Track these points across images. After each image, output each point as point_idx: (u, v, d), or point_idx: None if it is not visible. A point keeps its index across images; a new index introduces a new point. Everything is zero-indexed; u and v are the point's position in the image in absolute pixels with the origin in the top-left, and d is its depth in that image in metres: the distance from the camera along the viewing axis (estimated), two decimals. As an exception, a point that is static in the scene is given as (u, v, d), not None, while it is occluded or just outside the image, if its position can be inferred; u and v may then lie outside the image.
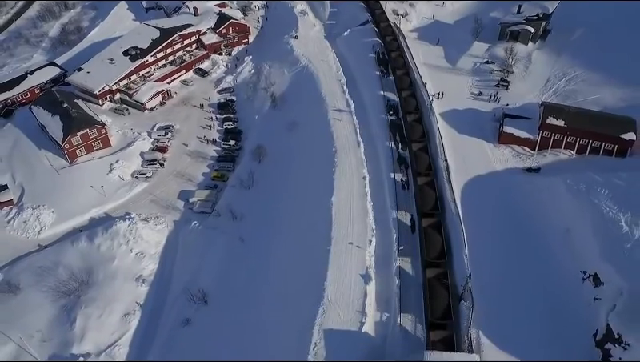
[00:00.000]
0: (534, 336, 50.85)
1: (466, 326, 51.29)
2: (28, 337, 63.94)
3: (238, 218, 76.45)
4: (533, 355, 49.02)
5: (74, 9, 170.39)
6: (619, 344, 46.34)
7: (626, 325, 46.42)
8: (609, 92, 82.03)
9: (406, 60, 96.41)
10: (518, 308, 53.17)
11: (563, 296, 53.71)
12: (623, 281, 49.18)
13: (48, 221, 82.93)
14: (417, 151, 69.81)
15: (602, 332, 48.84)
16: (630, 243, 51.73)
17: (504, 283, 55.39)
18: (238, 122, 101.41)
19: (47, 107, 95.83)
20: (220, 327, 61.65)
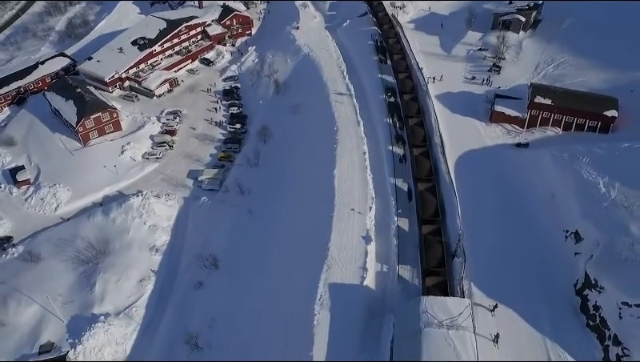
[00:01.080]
0: (521, 287, 56.07)
1: (458, 279, 56.61)
2: (55, 296, 68.88)
3: (245, 193, 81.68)
4: (519, 303, 54.28)
5: (79, 4, 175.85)
6: (595, 289, 51.79)
7: (601, 272, 51.85)
8: (593, 75, 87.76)
9: (404, 48, 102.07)
10: (506, 263, 58.46)
11: (547, 253, 59.14)
12: (600, 235, 54.64)
13: (64, 198, 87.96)
14: (413, 126, 75.32)
15: (581, 282, 54.29)
16: (606, 202, 57.21)
17: (493, 241, 60.83)
18: (242, 107, 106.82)
19: (61, 93, 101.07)
20: (231, 289, 66.80)
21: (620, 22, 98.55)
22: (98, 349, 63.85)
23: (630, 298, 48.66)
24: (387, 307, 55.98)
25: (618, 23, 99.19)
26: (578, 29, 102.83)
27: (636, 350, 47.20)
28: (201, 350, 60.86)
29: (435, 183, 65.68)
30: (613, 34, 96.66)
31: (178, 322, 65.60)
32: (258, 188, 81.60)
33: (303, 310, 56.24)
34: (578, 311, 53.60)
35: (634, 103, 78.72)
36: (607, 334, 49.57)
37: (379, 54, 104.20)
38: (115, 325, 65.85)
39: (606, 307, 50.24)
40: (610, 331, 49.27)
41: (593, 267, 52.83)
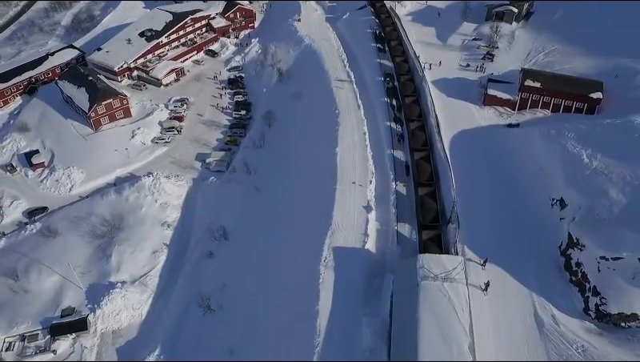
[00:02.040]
0: (510, 250, 60.89)
1: (452, 242, 61.74)
2: (70, 271, 73.62)
3: (252, 172, 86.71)
4: (508, 264, 59.28)
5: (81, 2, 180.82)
6: (577, 247, 56.96)
7: (582, 231, 56.99)
8: (581, 62, 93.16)
9: (401, 37, 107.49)
10: (497, 229, 63.39)
11: (535, 219, 64.20)
12: (582, 199, 59.82)
13: (78, 179, 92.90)
14: (409, 104, 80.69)
15: (565, 243, 59.44)
16: (588, 171, 62.42)
17: (485, 209, 65.86)
18: (247, 95, 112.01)
19: (73, 81, 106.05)
20: (241, 257, 71.76)
21: (608, 13, 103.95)
22: (116, 313, 68.77)
23: (607, 252, 53.82)
24: (387, 268, 60.95)
25: (606, 14, 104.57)
26: (568, 20, 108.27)
27: (612, 298, 52.40)
28: (213, 312, 65.70)
29: (430, 153, 71.02)
30: (601, 24, 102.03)
31: (191, 288, 70.42)
32: (264, 167, 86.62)
33: (309, 271, 61.24)
34: (562, 269, 58.67)
35: (619, 87, 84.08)
36: (587, 286, 54.68)
37: (378, 43, 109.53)
38: (131, 292, 70.77)
39: (587, 262, 55.37)
40: (590, 284, 54.39)
41: (575, 228, 58.01)
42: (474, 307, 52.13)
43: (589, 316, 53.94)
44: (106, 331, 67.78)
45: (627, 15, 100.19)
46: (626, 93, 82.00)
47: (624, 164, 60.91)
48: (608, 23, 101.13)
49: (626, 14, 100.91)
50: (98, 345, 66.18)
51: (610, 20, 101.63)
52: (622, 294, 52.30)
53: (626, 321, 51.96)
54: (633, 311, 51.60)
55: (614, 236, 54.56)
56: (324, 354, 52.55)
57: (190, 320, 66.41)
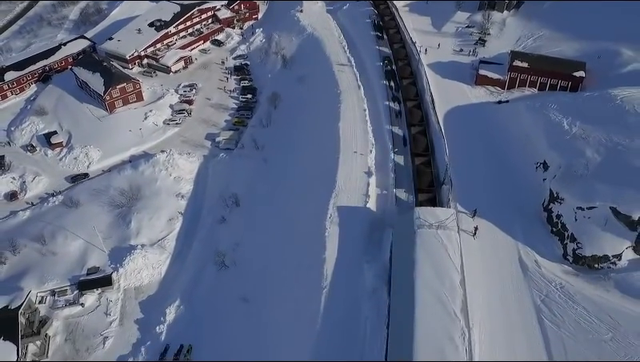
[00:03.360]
0: (498, 207, 67.75)
1: (446, 201, 68.83)
2: (93, 236, 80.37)
3: (259, 147, 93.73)
4: (497, 219, 66.27)
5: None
6: (557, 201, 64.16)
7: (562, 187, 64.21)
8: (567, 46, 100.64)
9: (399, 25, 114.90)
10: (487, 190, 70.52)
11: (521, 181, 71.49)
12: (562, 160, 67.08)
13: (95, 157, 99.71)
14: (407, 85, 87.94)
15: (547, 200, 66.66)
16: (568, 136, 69.72)
17: (476, 173, 73.03)
18: (252, 81, 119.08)
19: (88, 67, 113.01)
20: (252, 221, 78.72)
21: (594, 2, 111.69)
22: (137, 272, 75.61)
23: (583, 203, 61.08)
24: (386, 223, 68.02)
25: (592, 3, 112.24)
26: (557, 8, 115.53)
27: (587, 243, 59.67)
28: (227, 268, 72.64)
29: (426, 127, 78.15)
30: (587, 11, 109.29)
31: (206, 249, 77.40)
32: (271, 143, 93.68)
33: (316, 227, 68.24)
34: (545, 222, 65.88)
35: (601, 67, 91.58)
36: (566, 235, 61.88)
37: (376, 31, 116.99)
38: (151, 253, 77.66)
39: (565, 213, 62.60)
40: (568, 232, 61.59)
41: (556, 184, 65.26)
42: (465, 251, 59.21)
43: (567, 261, 61.18)
44: (128, 287, 74.54)
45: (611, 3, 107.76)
46: (608, 72, 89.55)
47: (600, 129, 68.28)
48: (594, 10, 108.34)
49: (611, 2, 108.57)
50: (121, 299, 72.92)
51: (595, 7, 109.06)
52: (595, 239, 59.53)
53: (598, 262, 59.18)
54: (604, 253, 58.86)
55: (589, 189, 61.86)
56: (330, 295, 59.51)
57: (205, 276, 73.36)
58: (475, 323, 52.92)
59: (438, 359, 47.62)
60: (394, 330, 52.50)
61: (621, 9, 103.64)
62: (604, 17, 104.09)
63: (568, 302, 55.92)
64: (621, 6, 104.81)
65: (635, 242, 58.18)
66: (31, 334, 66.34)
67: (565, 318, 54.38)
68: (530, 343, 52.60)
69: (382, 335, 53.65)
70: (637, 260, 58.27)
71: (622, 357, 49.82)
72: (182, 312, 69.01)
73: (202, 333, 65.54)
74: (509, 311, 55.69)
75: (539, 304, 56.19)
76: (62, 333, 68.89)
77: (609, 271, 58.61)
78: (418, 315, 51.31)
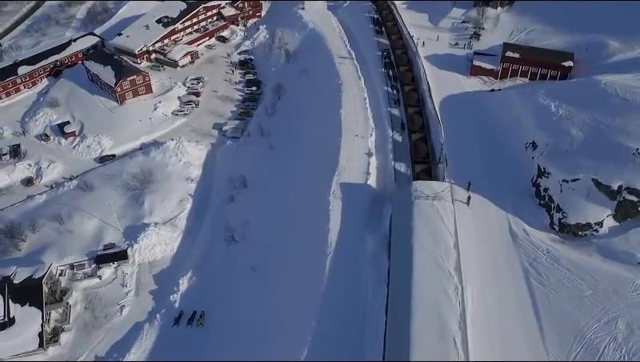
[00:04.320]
0: (491, 183, 73.50)
1: (442, 178, 74.36)
2: (108, 216, 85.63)
3: (265, 134, 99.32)
4: (489, 193, 71.83)
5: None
6: (544, 176, 69.77)
7: (548, 162, 69.89)
8: (557, 38, 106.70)
9: (397, 20, 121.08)
10: (479, 168, 76.13)
11: (512, 159, 77.15)
12: (549, 138, 72.82)
13: (107, 145, 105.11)
14: (404, 72, 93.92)
15: (535, 176, 72.26)
16: (555, 117, 75.45)
17: (469, 153, 78.70)
18: (257, 75, 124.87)
19: (99, 60, 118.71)
20: (259, 200, 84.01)
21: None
22: (151, 247, 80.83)
23: (567, 176, 66.75)
24: (386, 198, 73.50)
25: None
26: (548, 5, 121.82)
27: (571, 212, 65.27)
28: (236, 242, 77.93)
29: (422, 108, 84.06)
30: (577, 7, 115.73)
31: (216, 226, 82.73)
32: (276, 130, 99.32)
33: (320, 201, 73.81)
34: (534, 196, 71.51)
35: (589, 58, 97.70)
36: (552, 206, 67.42)
37: (376, 26, 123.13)
38: (163, 230, 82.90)
39: (552, 186, 68.23)
40: (554, 203, 67.14)
41: (543, 160, 70.97)
42: (459, 222, 64.80)
43: (553, 229, 66.75)
44: (142, 262, 79.71)
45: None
46: (595, 63, 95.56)
47: (584, 111, 74.07)
48: (583, 6, 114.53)
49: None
50: (136, 272, 78.07)
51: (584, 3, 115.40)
52: (578, 208, 65.13)
53: (582, 230, 64.72)
54: (587, 221, 64.43)
55: (573, 163, 67.57)
56: (334, 260, 64.92)
57: (216, 250, 78.65)
58: (468, 282, 58.34)
59: (435, 311, 52.85)
60: (393, 288, 57.85)
61: (608, 4, 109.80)
62: (592, 12, 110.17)
63: (553, 264, 61.40)
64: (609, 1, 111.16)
65: (615, 210, 63.75)
66: (54, 301, 71.45)
67: (550, 278, 59.81)
68: (518, 298, 58.05)
69: (382, 294, 58.95)
70: (616, 227, 63.84)
71: (600, 309, 55.16)
72: (194, 282, 74.20)
73: (214, 300, 70.67)
74: (499, 272, 61.14)
75: (527, 267, 61.65)
76: (81, 302, 73.98)
77: (591, 237, 64.15)
78: (416, 274, 56.80)
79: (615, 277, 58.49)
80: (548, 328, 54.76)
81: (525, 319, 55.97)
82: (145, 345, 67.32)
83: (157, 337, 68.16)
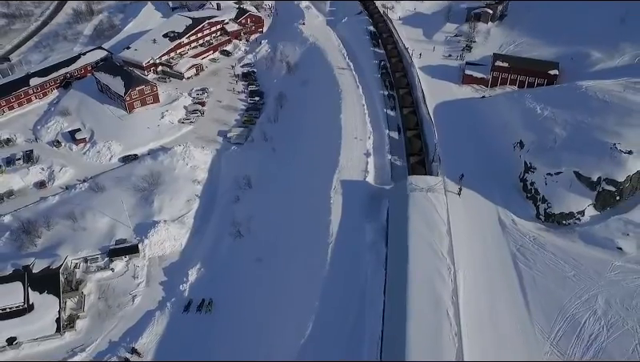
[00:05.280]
0: (481, 180, 79.39)
1: (435, 174, 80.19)
2: (119, 214, 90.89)
3: (268, 139, 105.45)
4: (480, 188, 77.65)
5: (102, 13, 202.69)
6: (530, 171, 75.79)
7: (534, 158, 76.07)
8: (544, 50, 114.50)
9: (393, 34, 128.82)
10: (471, 166, 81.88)
11: (501, 158, 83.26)
12: (535, 137, 79.19)
13: (117, 151, 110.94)
14: (399, 77, 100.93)
15: (522, 172, 78.27)
16: (540, 118, 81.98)
17: (461, 153, 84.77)
18: (259, 86, 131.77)
19: (109, 72, 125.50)
20: (264, 199, 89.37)
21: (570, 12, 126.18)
22: (161, 243, 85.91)
23: (551, 169, 72.86)
24: (383, 194, 79.18)
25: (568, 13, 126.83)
26: (537, 20, 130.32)
27: (555, 203, 71.17)
28: (242, 237, 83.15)
29: (416, 109, 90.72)
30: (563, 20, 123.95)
31: (222, 223, 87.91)
32: (279, 135, 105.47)
33: (321, 197, 79.41)
34: (521, 190, 77.43)
35: (574, 68, 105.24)
36: (538, 198, 73.26)
37: (373, 40, 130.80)
38: (172, 227, 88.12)
39: (538, 180, 74.23)
40: (540, 195, 72.98)
41: (529, 156, 77.18)
42: (451, 213, 70.46)
43: (539, 219, 72.50)
44: (152, 256, 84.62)
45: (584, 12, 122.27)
46: (579, 71, 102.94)
47: (567, 112, 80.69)
48: (569, 19, 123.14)
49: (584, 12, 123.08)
50: (147, 266, 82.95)
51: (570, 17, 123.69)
52: (562, 199, 71.03)
53: (565, 219, 70.47)
54: (570, 211, 70.23)
55: (556, 158, 73.77)
56: (336, 248, 70.21)
57: (223, 244, 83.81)
58: (460, 264, 63.69)
59: (429, 287, 58.03)
60: (391, 269, 63.12)
61: (592, 17, 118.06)
62: (577, 25, 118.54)
63: (539, 249, 66.94)
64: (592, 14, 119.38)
65: (595, 200, 69.63)
66: (70, 290, 76.20)
67: (536, 261, 65.28)
68: (506, 279, 63.40)
69: (380, 275, 64.06)
70: (597, 215, 69.65)
71: (581, 287, 60.47)
72: (202, 273, 79.19)
73: (222, 289, 75.58)
74: (489, 256, 66.62)
75: (515, 252, 67.14)
76: (95, 293, 78.67)
77: (574, 225, 69.87)
78: (411, 256, 62.15)
79: (596, 260, 63.98)
80: (534, 305, 59.90)
81: (513, 296, 61.15)
82: (156, 330, 71.87)
83: (167, 323, 72.74)
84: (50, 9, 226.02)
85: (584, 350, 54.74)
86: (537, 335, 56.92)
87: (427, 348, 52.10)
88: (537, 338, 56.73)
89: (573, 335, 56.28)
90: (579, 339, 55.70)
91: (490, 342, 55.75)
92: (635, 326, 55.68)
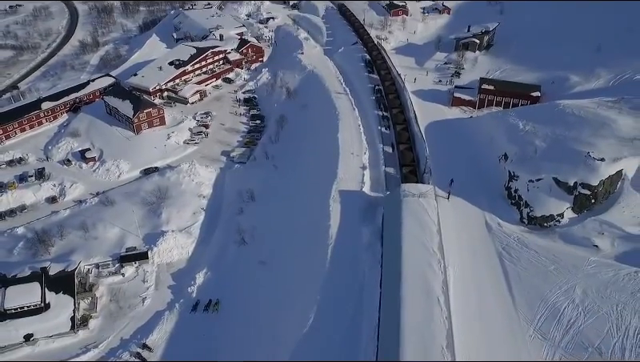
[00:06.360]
0: (469, 190, 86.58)
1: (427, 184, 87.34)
2: (129, 225, 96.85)
3: (270, 157, 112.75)
4: (468, 197, 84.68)
5: (108, 45, 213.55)
6: (514, 179, 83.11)
7: (517, 167, 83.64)
8: (527, 75, 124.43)
9: (386, 61, 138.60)
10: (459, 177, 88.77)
11: (487, 170, 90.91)
12: (517, 149, 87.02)
13: (125, 169, 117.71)
14: (392, 98, 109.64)
15: (507, 181, 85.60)
16: (522, 133, 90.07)
17: (450, 165, 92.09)
18: (260, 110, 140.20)
19: (118, 95, 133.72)
20: (267, 210, 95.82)
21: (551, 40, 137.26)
22: (169, 250, 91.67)
23: (533, 177, 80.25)
24: (379, 203, 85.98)
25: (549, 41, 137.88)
26: (521, 49, 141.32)
27: (537, 207, 78.27)
28: (246, 244, 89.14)
29: (408, 125, 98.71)
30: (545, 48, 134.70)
31: (227, 233, 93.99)
32: (280, 154, 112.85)
33: (321, 205, 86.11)
34: (506, 198, 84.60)
35: (554, 90, 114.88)
36: (521, 203, 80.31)
37: (368, 67, 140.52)
38: (179, 236, 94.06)
39: (520, 187, 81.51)
40: (523, 201, 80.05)
41: (512, 166, 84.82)
42: (441, 216, 77.18)
43: (523, 223, 79.41)
44: (161, 263, 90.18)
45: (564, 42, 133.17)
46: (559, 93, 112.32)
47: (546, 126, 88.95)
48: (550, 48, 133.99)
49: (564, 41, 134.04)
50: (156, 271, 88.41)
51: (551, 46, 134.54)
52: (543, 203, 78.14)
53: (547, 221, 77.34)
54: (550, 213, 77.16)
55: (537, 166, 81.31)
56: (335, 248, 76.40)
57: (228, 251, 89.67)
58: (449, 261, 69.92)
59: (421, 278, 64.11)
60: (386, 265, 69.22)
61: (571, 46, 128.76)
62: (558, 53, 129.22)
63: (523, 248, 73.41)
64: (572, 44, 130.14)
65: (573, 203, 76.77)
66: (83, 291, 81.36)
67: (520, 258, 71.68)
68: (493, 274, 69.60)
69: (377, 271, 70.11)
70: (575, 217, 76.76)
71: (561, 280, 66.68)
72: (209, 277, 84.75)
73: (227, 290, 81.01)
74: (476, 254, 72.99)
75: (500, 251, 73.57)
76: (106, 295, 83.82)
77: (555, 227, 76.76)
78: (405, 252, 68.44)
79: (574, 256, 70.50)
80: (518, 295, 65.96)
81: (499, 288, 67.25)
82: (166, 328, 76.88)
83: (176, 322, 77.85)
84: (57, 41, 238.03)
85: (563, 333, 60.50)
86: (521, 322, 62.72)
87: (420, 330, 57.71)
88: (521, 324, 62.54)
89: (553, 320, 62.11)
90: (559, 324, 61.53)
91: (478, 326, 61.47)
92: (609, 311, 61.68)
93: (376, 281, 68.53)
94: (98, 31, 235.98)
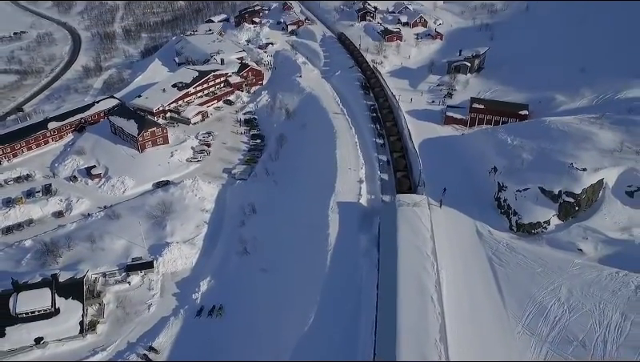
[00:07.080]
0: (461, 201, 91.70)
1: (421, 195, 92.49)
2: (134, 237, 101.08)
3: (270, 174, 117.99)
4: (460, 207, 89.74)
5: (110, 69, 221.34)
6: (503, 190, 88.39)
7: (505, 179, 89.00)
8: (516, 95, 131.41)
9: (381, 84, 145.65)
10: (452, 189, 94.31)
11: (478, 182, 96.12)
12: (506, 162, 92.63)
13: (130, 185, 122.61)
14: (386, 113, 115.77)
15: (496, 192, 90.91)
16: (511, 147, 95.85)
17: (444, 179, 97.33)
18: (260, 131, 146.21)
19: (122, 115, 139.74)
20: (268, 222, 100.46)
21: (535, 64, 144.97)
22: (173, 260, 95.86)
23: (520, 186, 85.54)
24: (375, 213, 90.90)
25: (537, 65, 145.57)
26: (511, 71, 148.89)
27: (525, 215, 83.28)
28: (248, 254, 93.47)
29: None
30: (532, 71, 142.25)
31: (229, 244, 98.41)
32: (280, 170, 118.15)
33: (320, 216, 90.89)
34: (496, 208, 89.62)
35: (541, 109, 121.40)
36: (510, 212, 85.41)
37: (364, 89, 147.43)
38: (183, 247, 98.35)
39: (509, 197, 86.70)
40: (512, 210, 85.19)
41: (501, 177, 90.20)
42: (434, 224, 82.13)
43: (512, 230, 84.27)
44: (166, 272, 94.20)
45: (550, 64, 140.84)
46: (545, 112, 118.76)
47: (533, 141, 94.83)
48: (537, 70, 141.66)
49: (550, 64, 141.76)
50: (161, 280, 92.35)
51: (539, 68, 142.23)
52: (530, 211, 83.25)
53: (534, 228, 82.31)
54: (537, 221, 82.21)
55: (524, 177, 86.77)
56: (334, 255, 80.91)
57: (230, 260, 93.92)
58: (442, 265, 74.48)
59: (416, 278, 68.60)
60: (383, 268, 73.66)
61: (557, 68, 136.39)
62: (545, 75, 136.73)
63: (512, 253, 78.10)
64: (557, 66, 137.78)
65: (558, 210, 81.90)
66: (91, 298, 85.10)
67: (509, 262, 76.27)
68: (483, 276, 74.04)
69: (374, 275, 74.47)
70: (561, 224, 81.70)
71: (547, 280, 71.27)
72: (212, 284, 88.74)
73: (231, 296, 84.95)
74: (468, 259, 77.60)
75: (491, 256, 78.21)
76: (113, 302, 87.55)
77: (542, 233, 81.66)
78: (400, 256, 73.04)
79: (560, 259, 75.20)
80: (507, 295, 70.30)
81: (489, 289, 71.60)
82: (171, 333, 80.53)
83: (181, 327, 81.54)
84: (60, 66, 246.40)
85: (550, 328, 64.73)
86: (510, 319, 66.96)
87: (415, 325, 61.90)
88: (510, 321, 66.75)
89: (540, 317, 66.36)
90: (546, 320, 65.78)
91: (470, 323, 65.67)
92: (592, 308, 66.09)
93: (373, 283, 72.77)
94: (101, 56, 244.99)
